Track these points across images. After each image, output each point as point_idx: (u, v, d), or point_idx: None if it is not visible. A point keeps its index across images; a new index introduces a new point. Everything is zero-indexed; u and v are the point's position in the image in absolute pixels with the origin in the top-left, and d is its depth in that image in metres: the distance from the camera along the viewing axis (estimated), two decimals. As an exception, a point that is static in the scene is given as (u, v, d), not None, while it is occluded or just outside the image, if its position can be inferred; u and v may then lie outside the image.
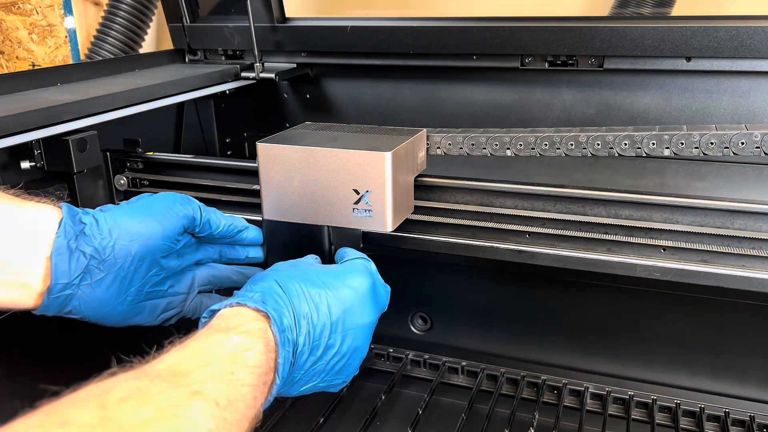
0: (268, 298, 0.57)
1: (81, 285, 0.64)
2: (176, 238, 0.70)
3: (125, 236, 0.65)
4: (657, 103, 1.03)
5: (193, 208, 0.71)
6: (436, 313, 1.18)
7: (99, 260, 0.64)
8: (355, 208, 0.71)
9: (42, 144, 0.81)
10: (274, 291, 0.58)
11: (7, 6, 1.81)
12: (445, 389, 1.13)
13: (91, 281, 0.64)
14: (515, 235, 0.75)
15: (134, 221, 0.67)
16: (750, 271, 0.68)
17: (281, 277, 0.61)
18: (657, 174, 0.94)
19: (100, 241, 0.64)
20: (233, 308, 0.56)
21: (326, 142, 0.72)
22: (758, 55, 0.93)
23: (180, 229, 0.70)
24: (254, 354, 0.51)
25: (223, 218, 0.74)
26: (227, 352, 0.50)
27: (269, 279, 0.60)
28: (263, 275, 0.62)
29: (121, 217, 0.66)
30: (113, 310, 0.67)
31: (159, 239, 0.67)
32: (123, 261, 0.65)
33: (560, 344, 1.11)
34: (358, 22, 1.13)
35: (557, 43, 1.01)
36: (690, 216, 0.69)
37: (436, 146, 0.85)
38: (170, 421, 0.41)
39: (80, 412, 0.39)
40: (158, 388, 0.43)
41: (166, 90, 1.00)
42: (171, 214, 0.69)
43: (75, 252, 0.62)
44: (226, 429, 0.44)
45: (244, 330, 0.53)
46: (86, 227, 0.64)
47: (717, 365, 1.03)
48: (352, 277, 0.64)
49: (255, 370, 0.50)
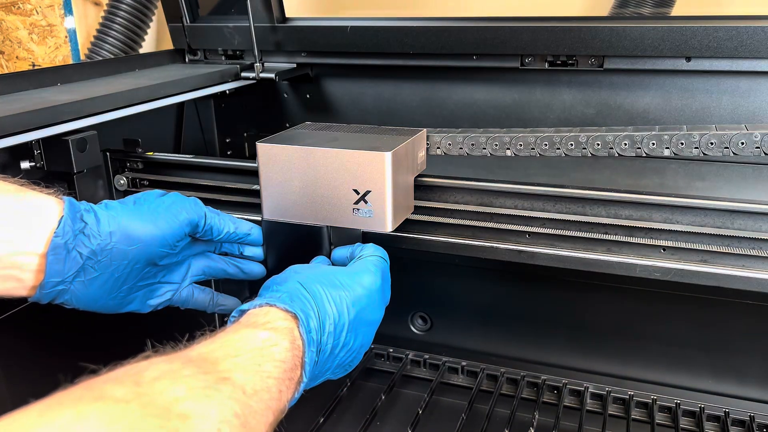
0: (295, 299, 0.58)
1: (74, 281, 0.63)
2: (175, 244, 0.69)
3: (125, 241, 0.65)
4: (657, 103, 1.03)
5: (199, 215, 0.71)
6: (436, 313, 1.18)
7: (95, 260, 0.63)
8: (355, 208, 0.71)
9: (42, 144, 0.81)
10: (300, 292, 0.60)
11: (7, 6, 1.81)
12: (445, 389, 1.13)
13: (85, 279, 0.63)
14: (515, 235, 0.76)
15: (137, 226, 0.66)
16: (750, 271, 0.68)
17: (304, 279, 0.62)
18: (657, 174, 0.94)
19: (98, 243, 0.63)
20: (262, 308, 0.57)
21: (326, 142, 0.72)
22: (758, 55, 0.93)
23: (181, 236, 0.69)
24: (280, 350, 0.53)
25: (227, 225, 0.74)
26: (255, 346, 0.51)
27: (293, 281, 0.61)
28: (285, 277, 0.63)
29: (124, 220, 0.65)
30: (105, 304, 0.67)
31: (158, 246, 0.67)
32: (119, 263, 0.65)
33: (560, 344, 1.11)
34: (358, 22, 1.13)
35: (557, 43, 1.01)
36: (690, 216, 0.69)
37: (436, 146, 0.85)
38: (200, 400, 0.42)
39: (116, 388, 0.40)
40: (190, 371, 0.44)
41: (166, 90, 1.00)
42: (175, 222, 0.68)
43: (72, 252, 0.62)
44: (251, 415, 0.46)
45: (272, 327, 0.54)
46: (87, 227, 0.63)
47: (717, 365, 1.03)
48: (365, 276, 0.65)
49: (281, 364, 0.52)
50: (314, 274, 0.63)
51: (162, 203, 0.69)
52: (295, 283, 0.61)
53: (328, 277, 0.63)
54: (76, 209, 0.63)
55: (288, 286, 0.60)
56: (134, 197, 0.70)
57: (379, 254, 0.69)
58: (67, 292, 0.63)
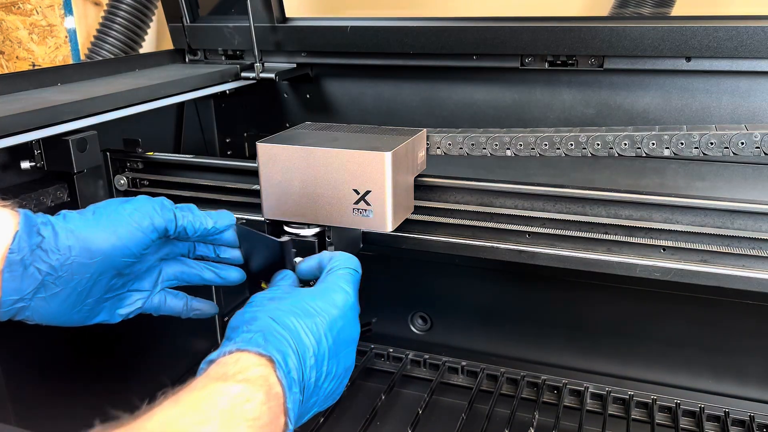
0: (270, 338, 0.53)
1: (35, 298, 0.60)
2: (140, 253, 0.65)
3: (85, 254, 0.61)
4: (657, 103, 1.03)
5: (167, 219, 0.66)
6: (436, 313, 1.18)
7: (55, 276, 0.60)
8: (355, 208, 0.71)
9: (42, 144, 0.81)
10: (273, 329, 0.54)
11: (8, 6, 1.81)
12: (445, 389, 1.13)
13: (46, 295, 0.60)
14: (515, 235, 0.76)
15: (97, 238, 0.61)
16: (750, 271, 0.68)
17: (275, 312, 0.56)
18: (657, 174, 0.94)
19: (57, 258, 0.59)
20: (232, 354, 0.51)
21: (326, 142, 0.72)
22: (758, 55, 0.93)
23: (146, 244, 0.65)
24: (254, 405, 0.47)
25: (203, 221, 0.69)
26: (224, 407, 0.46)
27: (263, 317, 0.55)
28: (253, 314, 0.56)
29: (84, 232, 0.61)
30: (69, 318, 0.63)
31: (121, 256, 0.63)
32: (81, 277, 0.61)
33: (560, 344, 1.11)
34: (358, 22, 1.13)
35: (557, 43, 1.01)
36: (690, 216, 0.69)
37: (436, 146, 0.85)
38: None
39: None
40: None
41: (166, 90, 1.00)
42: (138, 231, 0.64)
43: (29, 268, 0.58)
44: None
45: (244, 378, 0.49)
46: (44, 241, 0.59)
47: (717, 365, 1.03)
48: (337, 295, 0.60)
49: (255, 422, 0.47)
50: (285, 305, 0.57)
51: (123, 211, 0.64)
52: (267, 319, 0.55)
53: (300, 304, 0.58)
54: (32, 223, 0.59)
55: (259, 324, 0.54)
56: (94, 206, 0.65)
57: (349, 266, 0.64)
58: (28, 308, 0.60)
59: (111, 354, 0.98)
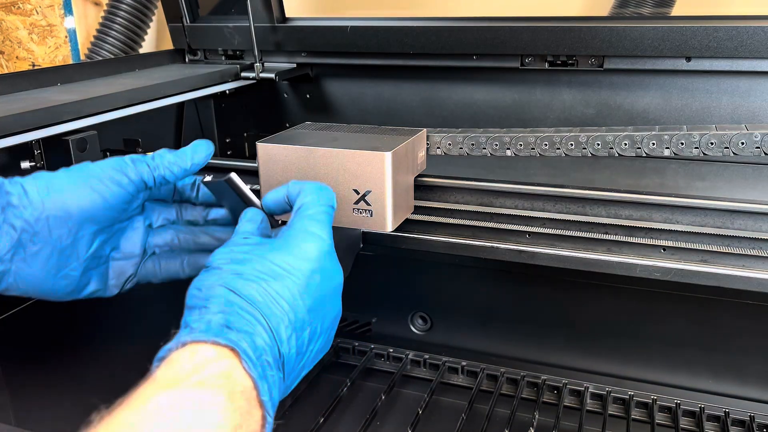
0: (233, 318, 0.46)
1: (14, 260, 0.57)
2: (121, 206, 0.61)
3: (60, 209, 0.57)
4: (657, 103, 1.03)
5: (140, 170, 0.61)
6: (436, 313, 1.18)
7: (31, 232, 0.57)
8: (355, 208, 0.71)
9: (42, 144, 0.81)
10: (233, 305, 0.47)
11: (7, 6, 1.81)
12: (445, 389, 1.13)
13: (25, 255, 0.57)
14: (515, 235, 0.75)
15: (72, 192, 0.58)
16: (750, 271, 0.68)
17: (232, 281, 0.49)
18: (657, 174, 0.94)
19: (31, 212, 0.56)
20: (186, 348, 0.44)
21: (326, 142, 0.72)
22: (758, 55, 0.93)
23: (126, 197, 0.61)
24: (214, 414, 0.40)
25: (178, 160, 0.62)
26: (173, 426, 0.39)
27: (220, 290, 0.48)
28: (209, 287, 0.49)
29: (57, 187, 0.58)
30: (56, 285, 0.60)
31: (100, 209, 0.59)
32: (59, 233, 0.58)
33: (560, 344, 1.11)
34: (358, 22, 1.13)
35: (557, 43, 1.01)
36: (690, 216, 0.69)
37: (436, 146, 0.85)
38: None
39: None
40: None
41: (166, 90, 1.00)
42: (114, 184, 0.59)
43: (3, 226, 0.56)
44: None
45: (200, 380, 0.41)
46: (13, 197, 0.56)
47: (717, 365, 1.03)
48: (307, 245, 0.53)
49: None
50: (247, 269, 0.50)
51: (95, 167, 0.60)
52: (226, 292, 0.48)
53: (265, 265, 0.50)
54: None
55: (218, 302, 0.47)
56: (65, 167, 0.62)
57: (321, 202, 0.57)
58: (9, 273, 0.57)
59: (111, 354, 0.98)
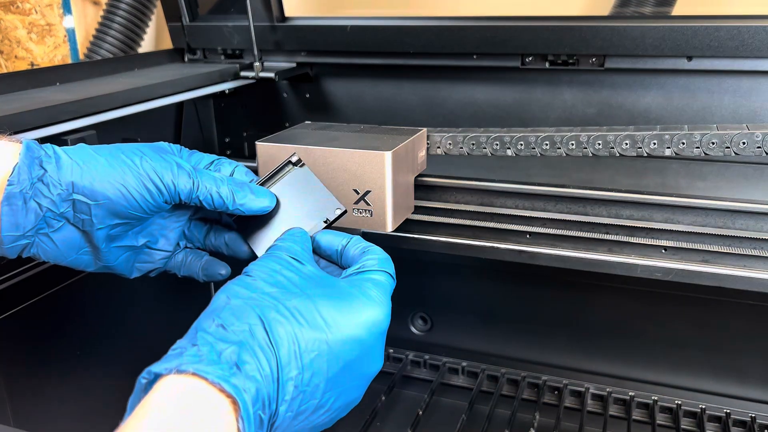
0: (246, 358, 0.40)
1: (38, 234, 0.56)
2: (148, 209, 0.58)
3: (88, 194, 0.55)
4: (658, 103, 1.03)
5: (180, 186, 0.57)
6: (436, 313, 1.18)
7: (56, 212, 0.55)
8: (355, 208, 0.70)
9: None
10: (256, 339, 0.41)
11: (6, 5, 1.80)
12: (445, 390, 1.12)
13: (49, 231, 0.56)
14: (515, 235, 0.75)
15: (104, 180, 0.55)
16: (751, 271, 0.67)
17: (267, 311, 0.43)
18: (658, 174, 0.94)
19: (58, 193, 0.54)
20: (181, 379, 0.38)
21: (326, 141, 0.72)
22: (759, 55, 0.93)
23: (153, 207, 0.57)
24: None
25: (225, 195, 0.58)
26: None
27: (251, 315, 0.42)
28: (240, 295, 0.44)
29: (92, 170, 0.55)
30: (78, 260, 0.59)
31: (126, 206, 0.56)
32: (83, 218, 0.56)
33: (561, 345, 1.11)
34: (358, 21, 1.13)
35: (558, 43, 1.01)
36: (691, 216, 0.69)
37: (437, 146, 0.85)
38: None
39: None
40: None
41: (166, 90, 1.00)
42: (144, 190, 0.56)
43: (30, 202, 0.54)
44: None
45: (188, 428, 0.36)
46: (46, 175, 0.54)
47: (718, 365, 1.03)
48: (365, 309, 0.46)
49: None
50: (287, 300, 0.44)
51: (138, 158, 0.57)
52: (253, 316, 0.42)
53: (308, 306, 0.44)
54: (34, 154, 0.55)
55: (239, 324, 0.42)
56: (115, 147, 0.58)
57: (387, 269, 0.51)
58: (33, 245, 0.56)
59: (112, 354, 0.98)
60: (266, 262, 0.49)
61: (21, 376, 0.84)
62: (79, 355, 0.93)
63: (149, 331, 1.02)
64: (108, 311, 0.98)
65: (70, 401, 0.89)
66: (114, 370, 0.98)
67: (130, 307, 1.02)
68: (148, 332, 1.02)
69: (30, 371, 0.86)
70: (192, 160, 0.64)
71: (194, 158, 0.65)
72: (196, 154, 0.66)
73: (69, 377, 0.91)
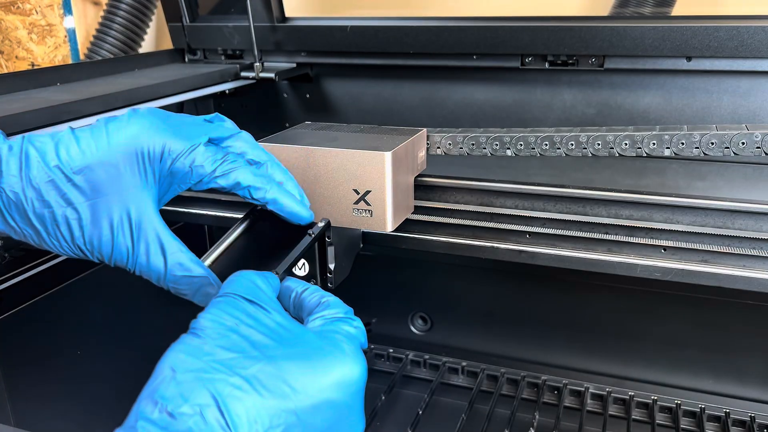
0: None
1: None
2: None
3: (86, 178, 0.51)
4: (657, 103, 1.03)
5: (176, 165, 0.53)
6: (436, 313, 1.18)
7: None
8: (355, 208, 0.70)
9: (41, 144, 0.81)
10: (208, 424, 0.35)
11: (6, 5, 1.80)
12: (445, 389, 1.12)
13: None
14: (515, 235, 0.75)
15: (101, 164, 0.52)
16: (751, 271, 0.68)
17: (221, 383, 0.36)
18: (657, 174, 0.94)
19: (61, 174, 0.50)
20: None
21: (326, 141, 0.72)
22: (759, 55, 0.93)
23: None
24: None
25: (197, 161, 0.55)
26: None
27: (200, 392, 0.36)
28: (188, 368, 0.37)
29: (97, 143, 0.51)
30: None
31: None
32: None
33: (560, 344, 1.11)
34: (358, 21, 1.13)
35: (557, 43, 1.01)
36: (690, 216, 0.69)
37: (436, 146, 0.85)
38: None
39: None
40: None
41: (166, 90, 1.00)
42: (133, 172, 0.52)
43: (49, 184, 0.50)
44: None
45: None
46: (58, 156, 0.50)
47: (717, 365, 1.03)
48: (339, 366, 0.40)
49: None
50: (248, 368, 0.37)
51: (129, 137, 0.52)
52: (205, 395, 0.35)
53: (269, 371, 0.38)
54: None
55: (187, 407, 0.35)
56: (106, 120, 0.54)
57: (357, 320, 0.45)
58: None
59: (112, 354, 0.98)
60: (220, 314, 0.40)
61: (21, 376, 0.84)
62: (78, 354, 0.93)
63: (149, 331, 1.02)
64: (108, 311, 0.98)
65: (69, 401, 0.89)
66: (114, 370, 0.98)
67: (130, 307, 1.02)
68: (148, 332, 1.02)
69: (30, 371, 0.86)
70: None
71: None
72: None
73: (69, 377, 0.91)
